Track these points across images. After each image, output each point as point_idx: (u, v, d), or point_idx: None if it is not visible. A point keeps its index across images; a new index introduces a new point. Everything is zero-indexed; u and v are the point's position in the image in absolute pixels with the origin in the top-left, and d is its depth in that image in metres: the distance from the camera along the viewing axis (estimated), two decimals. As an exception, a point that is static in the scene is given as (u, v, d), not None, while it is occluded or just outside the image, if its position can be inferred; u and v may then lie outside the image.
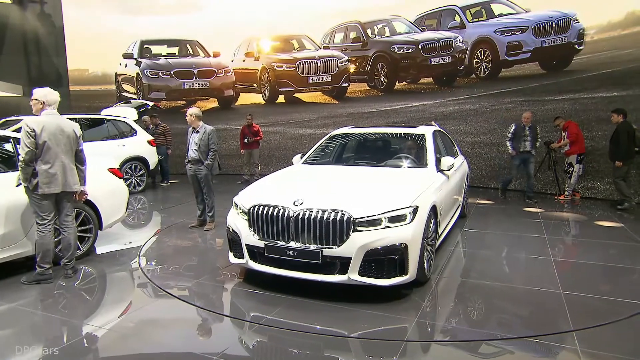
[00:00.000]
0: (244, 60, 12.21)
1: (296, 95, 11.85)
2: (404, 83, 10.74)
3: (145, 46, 12.25)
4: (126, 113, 9.46)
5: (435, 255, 4.58)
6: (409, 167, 4.74)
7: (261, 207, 3.71)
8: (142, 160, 9.21)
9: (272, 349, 2.94)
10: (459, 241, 5.33)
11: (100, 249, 5.05)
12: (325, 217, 3.45)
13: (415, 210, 3.59)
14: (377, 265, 3.45)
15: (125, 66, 12.34)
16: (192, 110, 5.72)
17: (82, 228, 4.61)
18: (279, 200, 3.70)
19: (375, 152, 5.32)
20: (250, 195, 4.01)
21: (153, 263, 4.56)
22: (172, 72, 12.13)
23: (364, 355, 2.79)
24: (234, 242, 4.00)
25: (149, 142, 9.47)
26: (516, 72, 9.44)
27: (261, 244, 3.68)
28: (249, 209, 3.79)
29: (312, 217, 3.47)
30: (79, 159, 4.12)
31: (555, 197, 8.17)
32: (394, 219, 3.50)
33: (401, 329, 3.11)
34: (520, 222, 6.42)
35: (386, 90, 10.83)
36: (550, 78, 9.15)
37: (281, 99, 11.99)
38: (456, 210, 5.79)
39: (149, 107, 9.93)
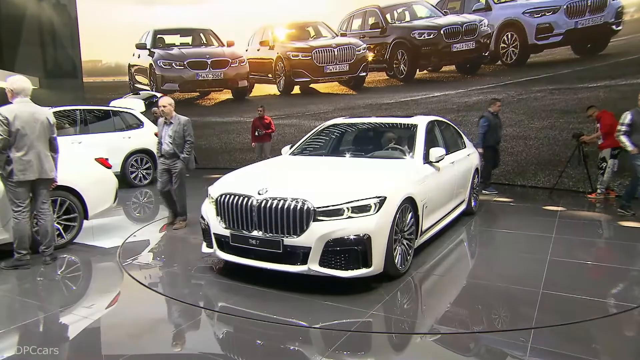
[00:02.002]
0: (258, 50, 12.59)
1: (312, 85, 12.10)
2: (425, 71, 10.76)
3: (158, 36, 12.88)
4: (133, 105, 10.03)
5: (423, 251, 4.73)
6: (394, 158, 4.88)
7: (228, 196, 3.99)
8: (148, 153, 9.73)
9: (225, 337, 3.20)
10: (455, 238, 5.40)
11: (92, 239, 5.50)
12: (285, 206, 3.67)
13: (382, 201, 3.75)
14: (338, 256, 3.64)
15: (139, 57, 13.03)
16: (168, 100, 5.73)
17: (67, 217, 5.06)
18: (244, 189, 3.96)
19: (365, 142, 5.49)
20: (221, 184, 4.30)
21: (131, 254, 4.94)
22: (185, 63, 12.69)
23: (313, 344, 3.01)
24: (205, 232, 4.30)
25: (156, 134, 9.98)
26: (546, 57, 9.26)
27: (227, 233, 3.96)
28: (217, 198, 4.08)
29: (274, 206, 3.71)
30: (52, 147, 4.52)
31: (586, 196, 7.99)
32: (358, 209, 3.67)
33: (351, 322, 3.28)
34: (532, 220, 6.38)
35: (406, 79, 10.88)
36: (583, 63, 8.91)
37: (296, 89, 12.28)
38: (457, 206, 5.86)
39: (156, 99, 10.44)
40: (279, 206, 3.69)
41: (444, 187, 5.12)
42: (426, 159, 4.83)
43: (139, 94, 10.73)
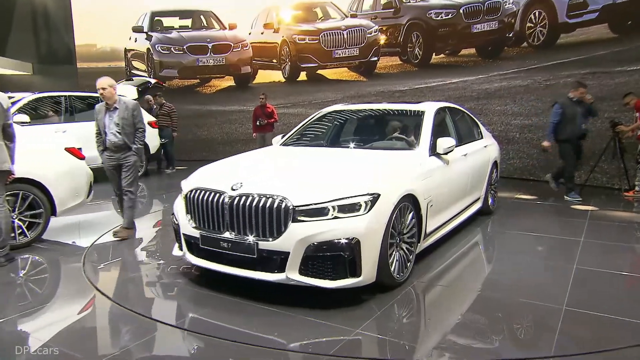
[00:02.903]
0: (262, 33, 12.21)
1: (319, 72, 11.68)
2: (442, 55, 10.23)
3: (156, 18, 12.58)
4: (125, 92, 9.73)
5: (427, 256, 4.31)
6: (396, 150, 4.45)
7: (198, 192, 3.62)
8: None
9: (183, 358, 2.84)
10: (467, 241, 4.95)
11: (65, 237, 5.24)
12: (261, 204, 3.28)
13: (374, 199, 3.33)
14: (322, 263, 3.23)
15: (135, 41, 12.76)
16: (108, 81, 4.90)
17: (31, 212, 4.76)
18: (217, 184, 3.58)
19: (366, 132, 5.09)
20: (194, 177, 3.93)
21: (99, 256, 4.60)
22: (185, 47, 12.39)
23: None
24: (176, 232, 3.94)
25: (149, 123, 9.70)
26: (578, 37, 8.64)
27: (197, 233, 3.59)
28: (186, 194, 3.72)
29: (247, 203, 3.32)
30: (8, 136, 4.20)
31: (623, 194, 7.43)
32: (345, 209, 3.26)
33: (334, 341, 2.88)
34: (559, 222, 5.88)
35: (421, 64, 10.37)
36: (622, 43, 8.26)
37: (303, 76, 11.87)
38: (471, 204, 5.40)
39: (151, 85, 10.16)
40: (253, 204, 3.30)
41: (454, 183, 4.67)
42: (433, 151, 4.38)
43: (132, 80, 10.43)
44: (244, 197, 3.35)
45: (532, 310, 3.29)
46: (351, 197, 3.28)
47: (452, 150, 4.44)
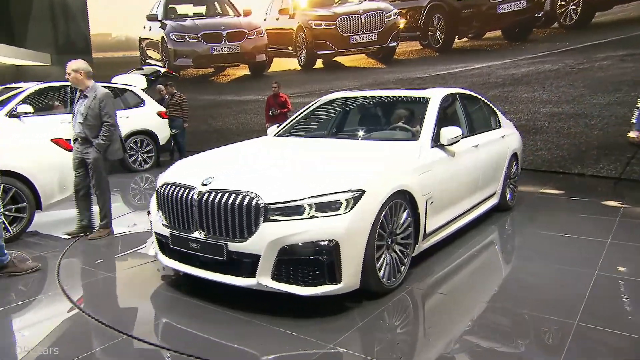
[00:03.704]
0: (277, 19, 11.90)
1: (336, 59, 11.30)
2: (465, 39, 9.67)
3: (170, 6, 12.44)
4: (134, 81, 9.64)
5: (429, 258, 3.96)
6: (395, 140, 4.09)
7: (169, 187, 3.37)
8: (149, 134, 9.37)
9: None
10: (478, 241, 4.55)
11: (54, 230, 5.11)
12: (230, 201, 3.00)
13: (357, 196, 3.00)
14: (296, 267, 2.94)
15: (150, 29, 12.67)
16: (76, 64, 4.58)
17: (13, 207, 4.64)
18: (188, 179, 3.32)
19: (365, 121, 4.77)
20: (169, 171, 3.69)
21: (76, 253, 4.44)
22: (199, 35, 12.22)
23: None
24: (151, 231, 3.71)
25: (158, 113, 9.60)
26: (616, 15, 7.96)
27: (167, 232, 3.35)
28: (158, 189, 3.48)
29: (217, 200, 3.04)
30: None
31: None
32: (323, 207, 2.95)
33: (304, 355, 2.59)
34: (585, 219, 5.38)
35: (443, 49, 9.85)
36: (665, 23, 7.58)
37: (319, 63, 11.52)
38: (484, 200, 4.99)
39: (160, 75, 10.02)
40: (222, 201, 3.02)
41: (461, 177, 4.28)
42: (436, 142, 4.01)
43: (143, 69, 10.33)
44: (213, 194, 3.08)
45: (539, 326, 2.91)
46: (330, 194, 2.97)
47: (457, 141, 4.05)
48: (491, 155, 4.98)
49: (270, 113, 9.69)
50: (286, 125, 4.90)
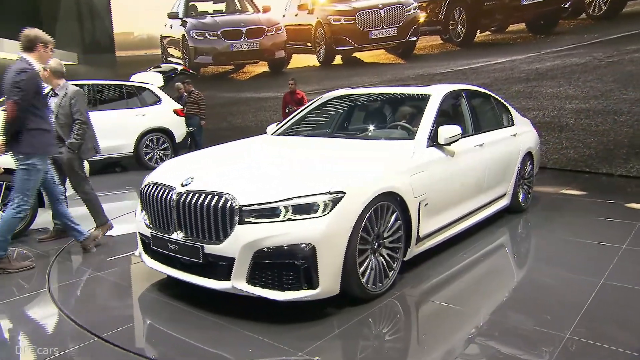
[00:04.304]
0: (296, 15, 11.86)
1: (355, 54, 11.16)
2: (487, 33, 9.37)
3: (190, 3, 12.57)
4: (151, 79, 9.78)
5: (425, 262, 3.83)
6: (390, 139, 3.98)
7: (151, 187, 3.36)
8: (166, 132, 9.48)
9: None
10: (484, 245, 4.36)
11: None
12: (206, 203, 2.96)
13: (337, 199, 2.91)
14: (272, 271, 2.87)
15: (171, 27, 12.84)
16: (52, 62, 4.46)
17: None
18: (170, 179, 3.30)
19: (363, 120, 4.68)
20: (156, 170, 3.69)
21: (72, 250, 4.49)
22: (219, 32, 12.31)
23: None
24: (139, 230, 3.72)
25: (175, 111, 9.70)
26: (649, 5, 7.56)
27: (149, 233, 3.34)
28: (142, 188, 3.48)
29: (194, 201, 3.01)
30: None
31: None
32: (300, 209, 2.87)
33: (272, 365, 2.53)
34: (603, 222, 5.11)
35: (464, 43, 9.58)
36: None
37: (338, 59, 11.41)
38: (492, 202, 4.80)
39: (177, 73, 10.13)
40: (199, 202, 2.98)
41: (462, 178, 4.11)
42: (434, 141, 3.86)
43: (161, 67, 10.48)
44: (191, 194, 3.04)
45: (524, 339, 2.75)
46: (307, 195, 2.88)
47: (456, 140, 3.89)
48: (500, 155, 4.78)
49: (287, 110, 9.67)
50: (285, 123, 4.84)
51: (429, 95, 4.25)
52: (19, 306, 3.37)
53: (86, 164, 5.49)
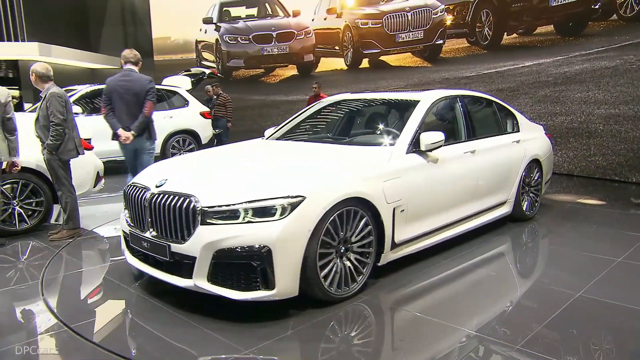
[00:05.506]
0: (325, 19, 11.98)
1: (382, 58, 11.15)
2: (515, 35, 9.12)
3: (224, 9, 12.97)
4: (180, 82, 10.17)
5: (409, 267, 3.84)
6: (370, 145, 4.01)
7: (131, 187, 3.57)
8: (192, 134, 9.83)
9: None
10: (476, 255, 4.26)
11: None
12: (173, 203, 3.12)
13: (295, 202, 2.98)
14: (231, 271, 2.99)
15: (205, 32, 13.28)
16: (33, 67, 4.68)
17: (35, 200, 5.10)
18: (148, 180, 3.49)
19: (351, 125, 4.75)
20: (142, 172, 3.89)
21: (72, 248, 4.74)
22: (250, 37, 12.63)
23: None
24: (127, 228, 3.94)
25: (201, 114, 10.04)
26: (683, 6, 7.14)
27: (128, 230, 3.55)
28: (125, 188, 3.69)
29: (163, 202, 3.17)
30: (8, 129, 4.52)
31: None
32: (259, 212, 2.97)
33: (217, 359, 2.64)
34: (608, 235, 4.90)
35: (491, 46, 9.37)
36: None
37: (365, 63, 11.43)
38: (488, 210, 4.72)
39: (205, 77, 10.48)
40: (167, 202, 3.15)
41: (446, 184, 4.08)
42: (415, 147, 3.86)
43: (190, 71, 10.87)
44: (162, 195, 3.21)
45: (485, 348, 2.72)
46: (266, 199, 2.98)
47: (438, 147, 3.87)
48: (497, 161, 4.69)
49: (311, 113, 9.79)
50: (280, 128, 4.96)
51: (417, 102, 4.24)
52: (7, 295, 3.62)
53: (100, 164, 5.87)
